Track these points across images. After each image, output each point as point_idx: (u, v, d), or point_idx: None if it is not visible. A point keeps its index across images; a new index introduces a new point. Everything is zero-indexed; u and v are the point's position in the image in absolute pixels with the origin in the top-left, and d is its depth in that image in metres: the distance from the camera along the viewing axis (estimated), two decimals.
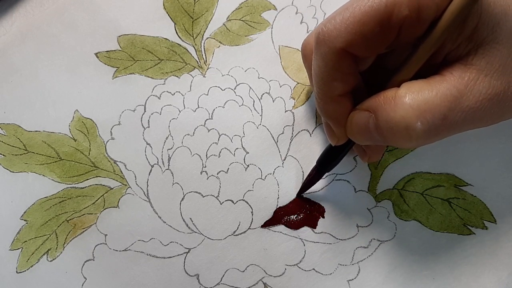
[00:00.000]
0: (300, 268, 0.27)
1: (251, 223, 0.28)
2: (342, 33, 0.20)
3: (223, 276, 0.27)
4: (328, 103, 0.22)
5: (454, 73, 0.20)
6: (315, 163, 0.27)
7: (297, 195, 0.28)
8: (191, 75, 0.31)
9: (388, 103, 0.20)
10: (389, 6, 0.19)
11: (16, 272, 0.27)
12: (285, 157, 0.29)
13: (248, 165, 0.29)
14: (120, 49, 0.31)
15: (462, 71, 0.20)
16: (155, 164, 0.29)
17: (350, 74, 0.21)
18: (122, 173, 0.29)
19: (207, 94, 0.30)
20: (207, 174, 0.29)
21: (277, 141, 0.30)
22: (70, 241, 0.28)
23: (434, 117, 0.19)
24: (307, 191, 0.28)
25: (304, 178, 0.28)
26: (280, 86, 0.31)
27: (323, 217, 0.28)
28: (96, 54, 0.31)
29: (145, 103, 0.30)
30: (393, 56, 0.23)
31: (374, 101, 0.21)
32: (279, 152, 0.29)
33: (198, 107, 0.30)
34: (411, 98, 0.19)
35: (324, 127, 0.25)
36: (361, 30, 0.19)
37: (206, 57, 0.31)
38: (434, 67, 0.21)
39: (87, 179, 0.29)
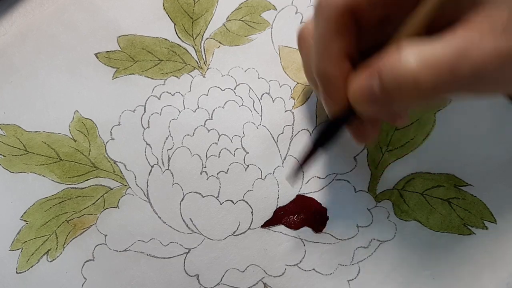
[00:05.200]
0: (300, 268, 0.27)
1: (251, 223, 0.28)
2: None
3: (223, 276, 0.27)
4: (328, 64, 0.22)
5: (457, 29, 0.19)
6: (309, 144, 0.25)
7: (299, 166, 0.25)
8: (191, 75, 0.31)
9: (392, 58, 0.19)
10: None
11: (16, 272, 0.27)
12: (285, 157, 0.29)
13: (248, 165, 0.29)
14: (120, 49, 0.31)
15: (465, 28, 0.19)
16: (155, 164, 0.29)
17: (352, 35, 0.21)
18: (122, 173, 0.29)
19: (207, 95, 0.30)
20: (207, 174, 0.29)
21: (277, 141, 0.30)
22: (70, 241, 0.28)
23: (441, 68, 0.18)
24: (307, 192, 0.29)
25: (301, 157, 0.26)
26: (280, 86, 0.31)
27: (323, 217, 0.28)
28: (96, 54, 0.31)
29: (145, 103, 0.30)
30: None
31: (376, 60, 0.20)
32: (279, 152, 0.29)
33: (198, 107, 0.30)
34: (417, 50, 0.19)
35: (322, 98, 0.24)
36: None
37: (206, 58, 0.31)
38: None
39: (87, 180, 0.29)
